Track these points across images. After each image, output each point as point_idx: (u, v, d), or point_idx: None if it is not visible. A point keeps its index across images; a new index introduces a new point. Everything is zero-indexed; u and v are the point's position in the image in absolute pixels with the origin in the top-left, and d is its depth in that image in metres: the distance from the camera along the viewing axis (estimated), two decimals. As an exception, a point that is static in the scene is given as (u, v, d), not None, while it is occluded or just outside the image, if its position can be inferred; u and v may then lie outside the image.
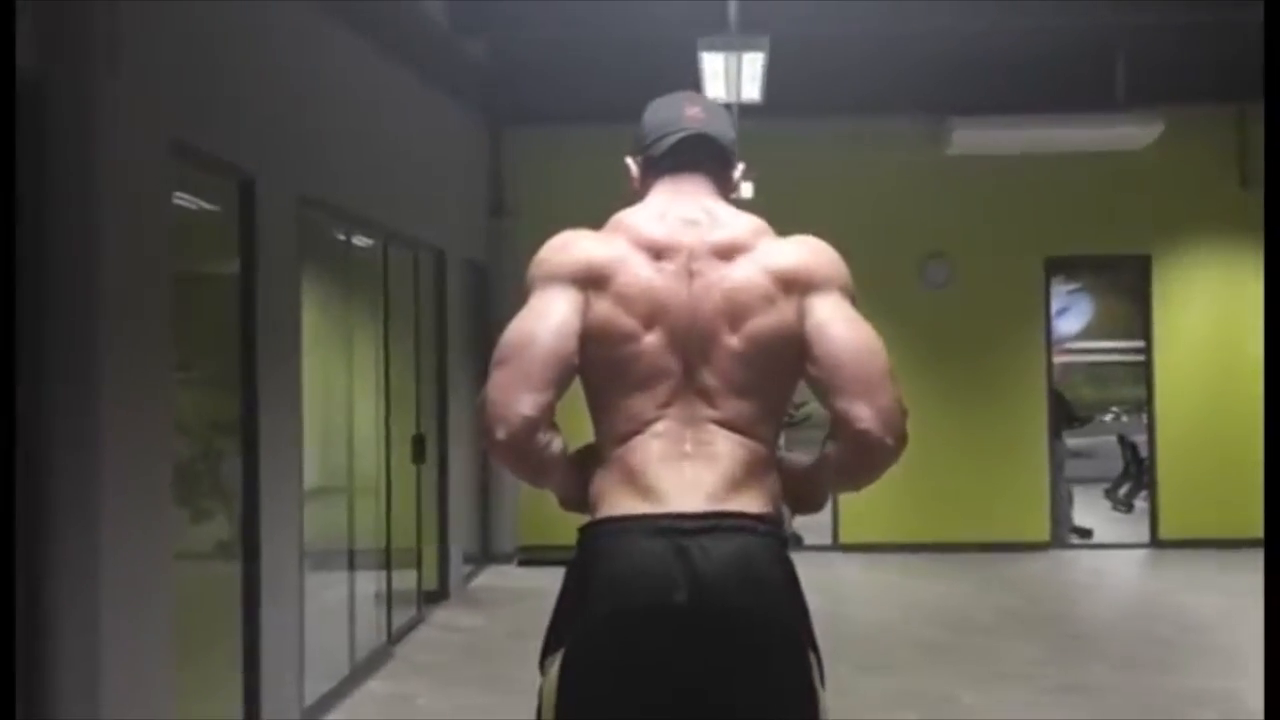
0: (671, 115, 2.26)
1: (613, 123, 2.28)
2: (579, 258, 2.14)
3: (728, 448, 2.08)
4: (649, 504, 2.04)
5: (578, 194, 2.35)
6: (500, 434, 2.03)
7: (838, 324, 2.11)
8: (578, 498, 2.19)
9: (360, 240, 7.07)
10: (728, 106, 6.54)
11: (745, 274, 2.13)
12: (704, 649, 1.97)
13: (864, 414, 2.07)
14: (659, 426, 2.08)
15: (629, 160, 2.29)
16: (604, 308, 2.10)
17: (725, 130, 2.27)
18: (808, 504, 2.25)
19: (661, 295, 2.11)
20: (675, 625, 1.97)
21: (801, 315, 2.11)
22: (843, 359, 2.08)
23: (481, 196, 9.87)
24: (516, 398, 2.03)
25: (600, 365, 2.12)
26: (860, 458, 2.12)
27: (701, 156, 2.24)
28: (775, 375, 2.13)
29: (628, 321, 2.09)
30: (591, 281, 2.11)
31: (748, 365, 2.10)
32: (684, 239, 2.15)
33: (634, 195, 2.28)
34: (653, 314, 2.10)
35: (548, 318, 2.09)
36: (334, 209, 6.39)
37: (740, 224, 2.20)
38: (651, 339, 2.10)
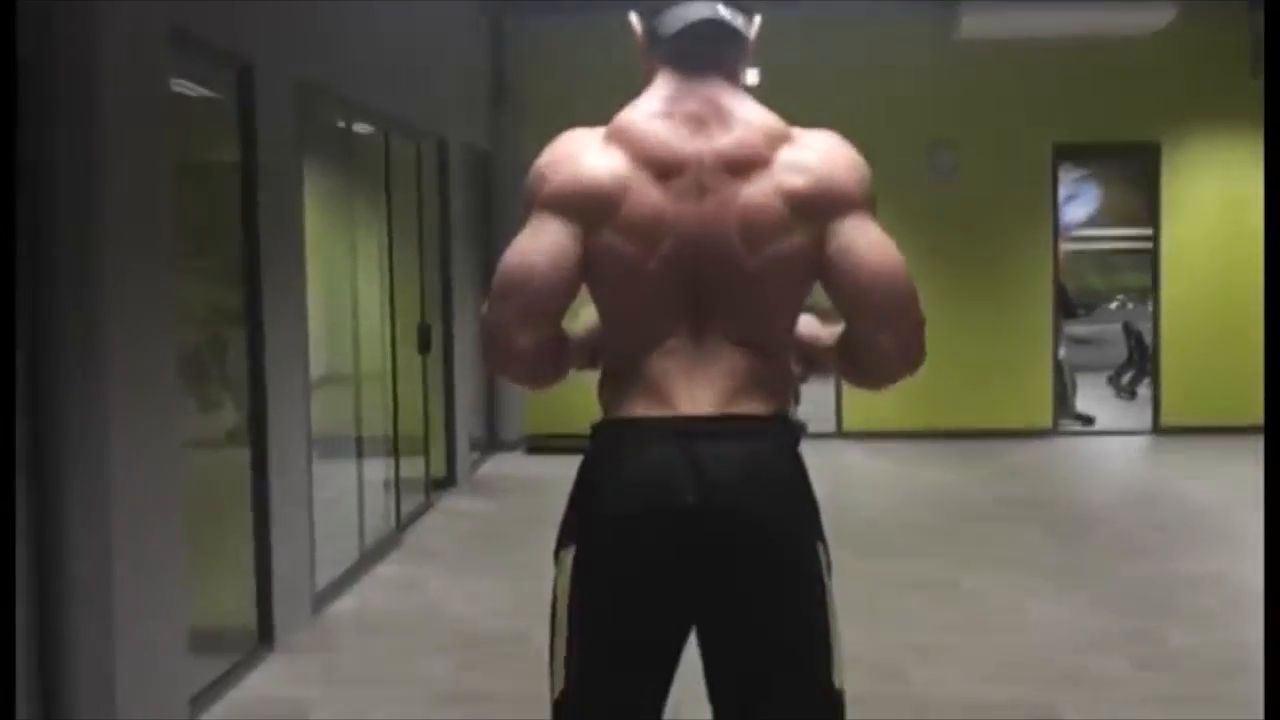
0: None
1: (616, 5, 2.19)
2: (583, 185, 2.03)
3: (737, 355, 2.06)
4: (659, 408, 2.05)
5: (581, 78, 2.30)
6: (505, 369, 2.11)
7: (860, 249, 2.03)
8: (589, 357, 2.24)
9: (361, 128, 7.00)
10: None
11: (761, 197, 2.01)
12: (713, 547, 2.00)
13: (887, 342, 2.07)
14: (670, 343, 2.06)
15: (633, 17, 2.15)
16: (609, 237, 2.02)
17: (740, 9, 2.12)
18: (810, 375, 2.31)
19: (670, 219, 2.02)
20: (684, 525, 1.99)
21: (822, 240, 2.03)
22: (866, 285, 2.03)
23: (484, 82, 9.75)
24: (519, 333, 2.03)
25: (608, 287, 2.09)
26: (876, 376, 2.15)
27: (711, 42, 2.10)
28: (788, 294, 2.11)
29: (634, 250, 2.03)
30: (595, 212, 2.02)
31: (760, 285, 2.05)
32: (691, 148, 2.03)
33: (638, 57, 2.16)
34: (661, 239, 2.03)
35: (549, 249, 2.02)
36: (334, 96, 6.32)
37: (753, 127, 2.06)
38: (658, 265, 2.03)
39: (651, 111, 2.08)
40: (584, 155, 2.05)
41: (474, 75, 9.51)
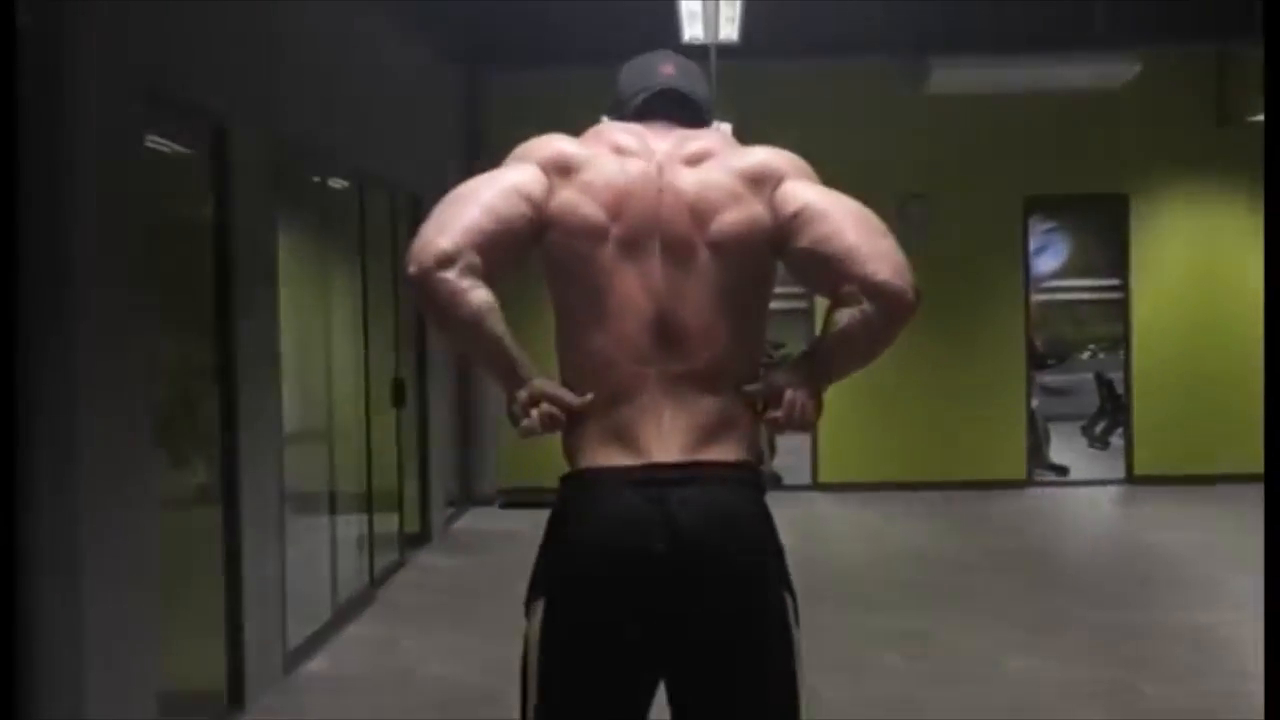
0: (645, 73, 2.27)
1: (590, 64, 2.27)
2: (551, 147, 2.17)
3: (703, 397, 2.07)
4: (627, 456, 2.05)
5: (554, 132, 2.31)
6: (411, 267, 2.04)
7: (823, 200, 2.13)
8: (503, 368, 2.10)
9: (336, 183, 7.02)
10: (705, 50, 6.50)
11: (712, 174, 2.14)
12: (682, 596, 2.00)
13: (884, 270, 2.08)
14: (632, 381, 2.07)
15: (605, 120, 2.28)
16: (568, 195, 2.11)
17: (699, 89, 2.29)
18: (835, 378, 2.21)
19: (625, 187, 2.12)
20: (654, 575, 1.99)
21: (776, 209, 2.11)
22: (844, 227, 2.10)
23: (458, 139, 9.80)
24: (438, 235, 2.04)
25: (563, 278, 2.13)
26: (888, 316, 2.09)
27: (674, 109, 2.25)
28: (749, 289, 2.13)
29: (591, 210, 2.10)
30: (558, 168, 2.14)
31: (720, 274, 2.09)
32: (655, 147, 2.17)
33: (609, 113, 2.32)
34: (617, 204, 2.10)
35: (499, 180, 2.14)
36: (309, 152, 6.34)
37: (710, 137, 2.22)
38: (613, 248, 2.09)
39: (625, 128, 2.22)
40: (559, 138, 2.20)
41: (449, 130, 9.56)
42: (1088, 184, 10.57)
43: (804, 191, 2.12)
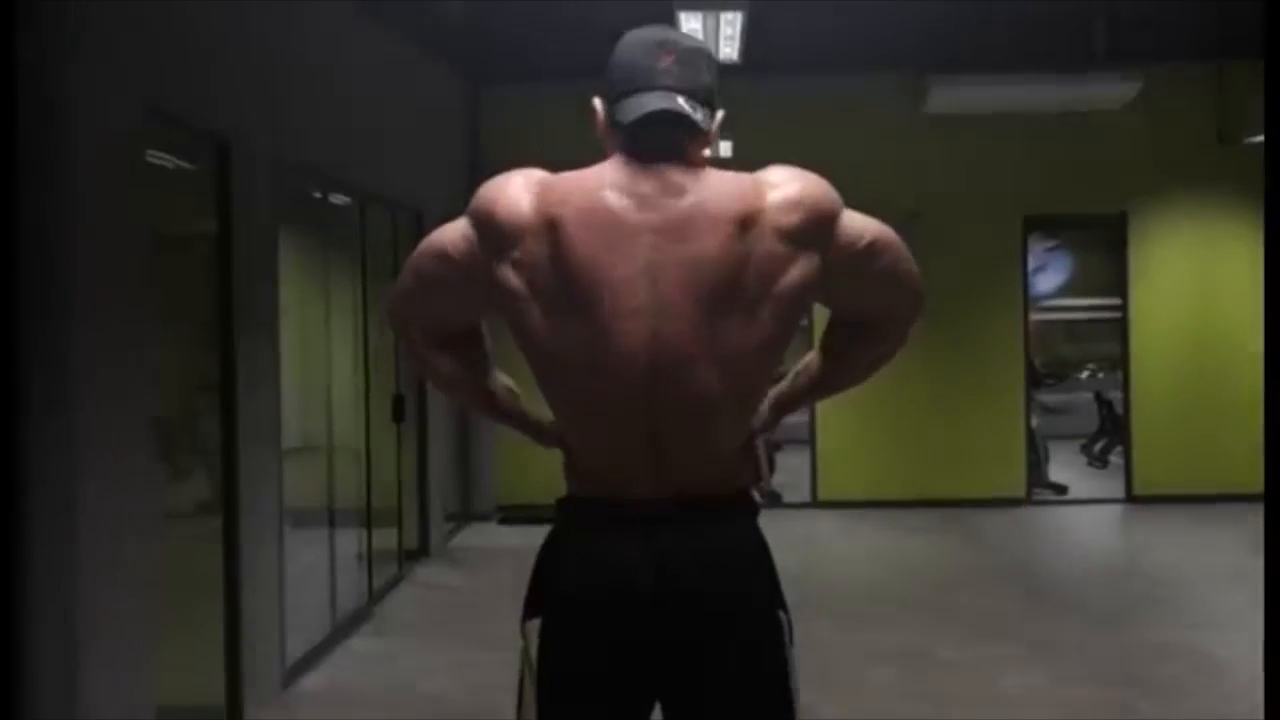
0: (642, 65, 2.03)
1: (591, 82, 2.20)
2: (515, 221, 1.99)
3: (698, 427, 2.01)
4: (619, 489, 2.03)
5: (556, 154, 2.30)
6: (394, 323, 2.24)
7: (883, 231, 2.11)
8: (499, 412, 2.27)
9: (338, 199, 7.04)
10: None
11: (758, 244, 1.97)
12: (674, 630, 1.99)
13: (911, 310, 2.20)
14: (628, 409, 1.98)
15: (596, 102, 2.10)
16: (511, 273, 1.99)
17: (698, 82, 2.04)
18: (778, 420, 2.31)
19: (601, 278, 1.95)
20: (646, 609, 1.98)
21: (826, 256, 2.03)
22: (904, 254, 2.15)
23: (460, 156, 9.83)
24: (412, 325, 2.20)
25: (539, 349, 2.02)
26: (897, 342, 2.23)
27: (668, 130, 2.02)
28: (767, 349, 2.03)
29: (575, 274, 1.95)
30: (514, 243, 1.98)
31: (729, 345, 1.98)
32: (638, 218, 1.96)
33: (601, 140, 2.12)
34: (592, 297, 1.95)
35: (458, 285, 2.08)
36: (311, 169, 6.37)
37: (718, 192, 1.99)
38: (593, 329, 1.96)
39: (600, 183, 2.00)
40: (523, 201, 2.00)
41: (450, 148, 9.59)
42: (1087, 203, 10.59)
43: (850, 233, 2.07)
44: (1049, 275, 15.38)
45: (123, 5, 4.17)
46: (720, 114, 2.10)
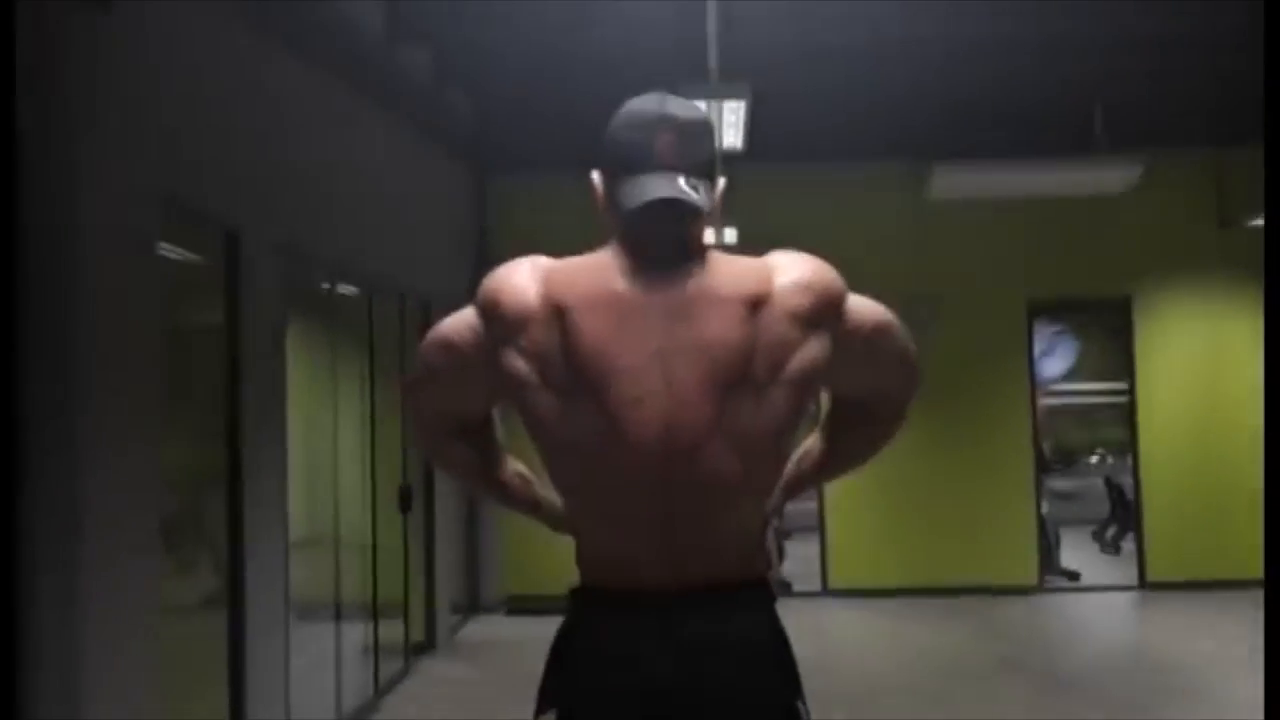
0: (640, 144, 1.99)
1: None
2: (521, 310, 1.97)
3: (714, 513, 1.98)
4: (630, 578, 1.99)
5: (562, 242, 2.30)
6: (413, 421, 2.27)
7: (885, 315, 2.13)
8: (521, 503, 2.28)
9: (345, 289, 7.07)
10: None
11: (769, 326, 1.96)
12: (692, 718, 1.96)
13: (909, 391, 2.24)
14: (641, 494, 1.96)
15: (594, 176, 2.08)
16: (517, 359, 1.98)
17: (699, 157, 2.01)
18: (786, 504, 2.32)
19: (614, 368, 1.92)
20: (660, 701, 1.95)
21: (834, 340, 2.02)
22: (905, 344, 2.17)
23: (468, 245, 9.89)
24: (423, 414, 2.24)
25: (549, 437, 2.00)
26: (896, 423, 2.27)
27: (671, 222, 1.99)
28: (781, 432, 2.01)
29: (565, 391, 1.95)
30: (520, 331, 1.97)
31: (744, 433, 1.96)
32: (644, 300, 1.95)
33: (601, 215, 2.09)
34: (600, 385, 1.93)
35: (466, 374, 2.08)
36: (319, 259, 6.40)
37: (725, 280, 1.97)
38: (602, 419, 1.93)
39: (606, 268, 1.99)
40: (516, 275, 2.01)
41: (458, 234, 9.65)
42: (1091, 287, 10.62)
43: (855, 317, 2.08)
44: (1055, 360, 15.37)
45: (134, 95, 4.22)
46: (722, 181, 2.09)
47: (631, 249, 2.02)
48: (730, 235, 8.62)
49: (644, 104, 2.04)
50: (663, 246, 2.01)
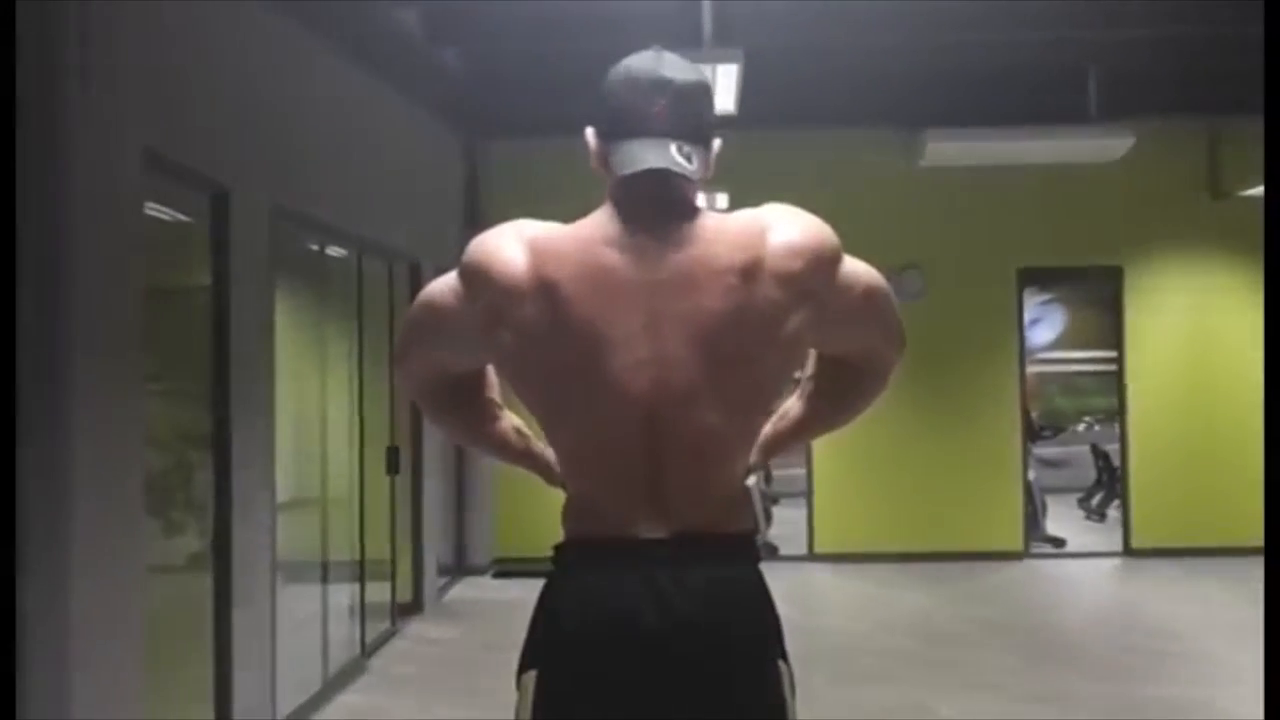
0: (635, 107, 1.98)
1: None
2: (509, 283, 1.96)
3: (702, 467, 2.00)
4: (618, 530, 2.00)
5: (553, 205, 2.29)
6: (401, 378, 2.27)
7: (876, 280, 2.13)
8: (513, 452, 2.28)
9: (334, 251, 7.05)
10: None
11: (760, 292, 1.95)
12: (674, 675, 1.96)
13: (893, 355, 2.24)
14: (625, 466, 1.98)
15: (589, 133, 2.06)
16: (513, 336, 1.97)
17: (693, 122, 2.00)
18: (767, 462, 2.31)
19: (600, 332, 1.93)
20: (646, 652, 1.95)
21: (826, 303, 2.02)
22: (880, 308, 2.16)
23: (457, 207, 9.85)
24: (414, 374, 2.22)
25: (537, 403, 2.03)
26: (879, 387, 2.27)
27: (661, 184, 1.98)
28: (769, 387, 2.04)
29: (559, 355, 1.95)
30: (508, 303, 1.96)
31: (732, 392, 1.98)
32: (635, 273, 1.95)
33: (597, 172, 2.07)
34: (593, 350, 1.93)
35: (454, 338, 2.08)
36: (308, 220, 6.37)
37: (718, 240, 1.97)
38: (596, 381, 1.94)
39: (594, 237, 1.99)
40: (503, 244, 1.99)
41: (447, 198, 9.62)
42: (1082, 256, 10.63)
43: (861, 270, 2.10)
44: (1044, 328, 15.41)
45: (122, 54, 4.18)
46: (718, 142, 2.07)
47: (622, 214, 2.02)
48: (722, 200, 8.60)
49: (641, 63, 2.03)
50: (654, 214, 2.01)
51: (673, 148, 1.98)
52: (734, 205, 6.03)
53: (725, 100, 7.08)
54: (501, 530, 9.89)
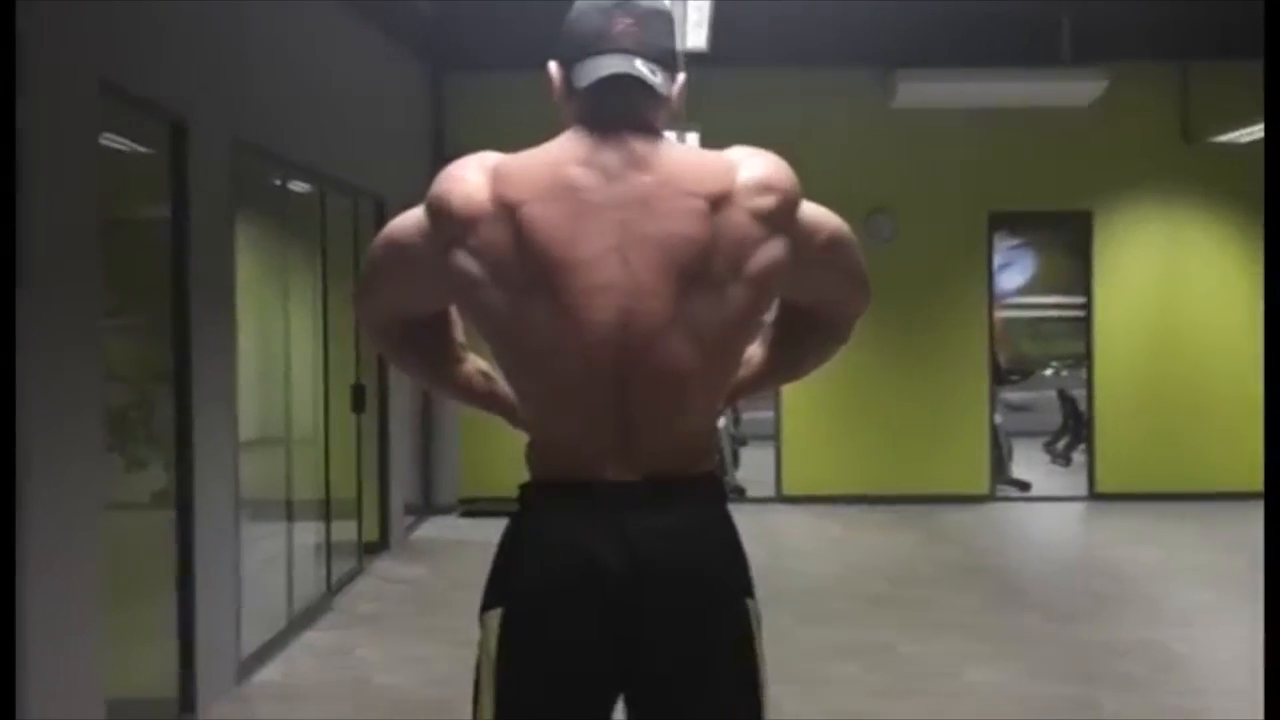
0: (598, 27, 1.97)
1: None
2: (471, 209, 1.93)
3: (669, 406, 1.97)
4: (583, 471, 1.97)
5: (520, 139, 2.24)
6: (362, 321, 2.24)
7: (840, 227, 2.09)
8: (478, 395, 2.23)
9: (297, 186, 6.94)
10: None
11: (731, 222, 1.93)
12: (641, 615, 1.94)
13: (859, 305, 2.20)
14: (589, 405, 1.94)
15: (552, 66, 2.04)
16: (468, 259, 1.94)
17: (657, 45, 1.98)
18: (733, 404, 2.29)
19: (565, 260, 1.89)
20: (611, 592, 1.93)
21: (803, 238, 2.02)
22: (847, 257, 2.13)
23: (424, 144, 9.74)
24: (375, 314, 2.19)
25: (502, 334, 1.98)
26: (842, 337, 2.25)
27: (625, 96, 1.96)
28: (742, 326, 2.01)
29: (516, 283, 1.92)
30: (470, 230, 1.93)
31: (703, 327, 1.95)
32: (603, 195, 1.92)
33: (558, 107, 2.06)
34: (557, 279, 1.90)
35: (415, 274, 2.04)
36: (270, 154, 6.27)
37: (682, 166, 1.96)
38: (556, 309, 1.91)
39: (560, 159, 1.96)
40: (466, 173, 1.97)
41: (413, 133, 9.50)
42: (1052, 201, 10.61)
43: (824, 216, 2.08)
44: (1013, 272, 15.43)
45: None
46: (681, 77, 2.05)
47: (588, 134, 1.98)
48: (692, 138, 8.52)
49: None
50: (620, 132, 1.98)
51: (637, 61, 1.97)
52: (705, 144, 5.98)
53: (697, 37, 7.00)
54: (468, 470, 9.87)
